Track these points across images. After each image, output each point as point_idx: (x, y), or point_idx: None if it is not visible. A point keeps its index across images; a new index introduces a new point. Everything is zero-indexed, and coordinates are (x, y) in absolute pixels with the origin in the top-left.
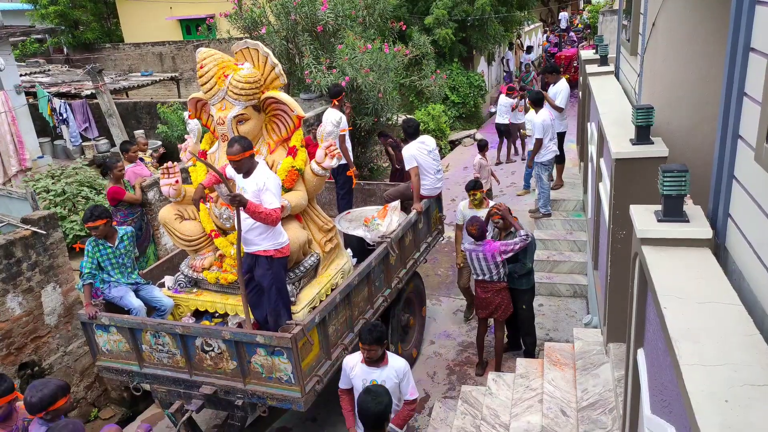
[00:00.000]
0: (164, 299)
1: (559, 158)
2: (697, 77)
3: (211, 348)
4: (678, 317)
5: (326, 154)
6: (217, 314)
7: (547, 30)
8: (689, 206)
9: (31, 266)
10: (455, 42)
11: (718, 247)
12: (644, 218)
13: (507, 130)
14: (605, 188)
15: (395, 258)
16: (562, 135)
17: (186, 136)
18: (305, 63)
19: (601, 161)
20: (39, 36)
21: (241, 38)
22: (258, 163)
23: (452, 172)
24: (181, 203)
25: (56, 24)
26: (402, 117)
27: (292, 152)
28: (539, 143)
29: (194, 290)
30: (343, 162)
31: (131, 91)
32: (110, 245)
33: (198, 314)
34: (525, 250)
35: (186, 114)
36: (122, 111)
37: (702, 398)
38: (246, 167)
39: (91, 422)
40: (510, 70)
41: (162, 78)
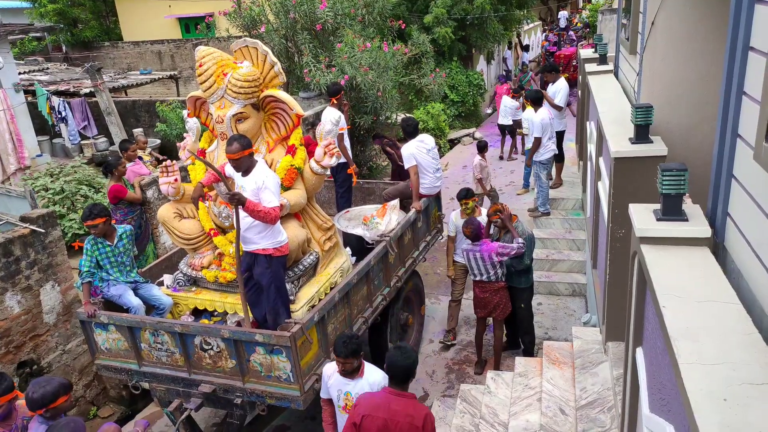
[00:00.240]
0: (163, 298)
1: (559, 157)
2: (697, 76)
3: (210, 346)
4: (677, 316)
5: (325, 153)
6: (216, 313)
7: (546, 29)
8: (688, 205)
9: (30, 265)
10: (454, 41)
11: (717, 246)
12: (643, 217)
13: (512, 130)
14: (604, 187)
15: (394, 257)
16: (562, 134)
17: (185, 135)
18: (304, 61)
19: (600, 160)
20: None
21: (240, 37)
22: (257, 162)
23: (451, 171)
24: (180, 202)
25: (55, 22)
26: (401, 116)
27: (291, 151)
28: (538, 142)
29: (193, 289)
30: (343, 160)
31: (130, 90)
32: (109, 244)
33: (197, 313)
34: None
35: (185, 112)
36: (121, 109)
37: (701, 397)
38: (245, 166)
39: (90, 420)
40: (509, 69)
41: (161, 76)
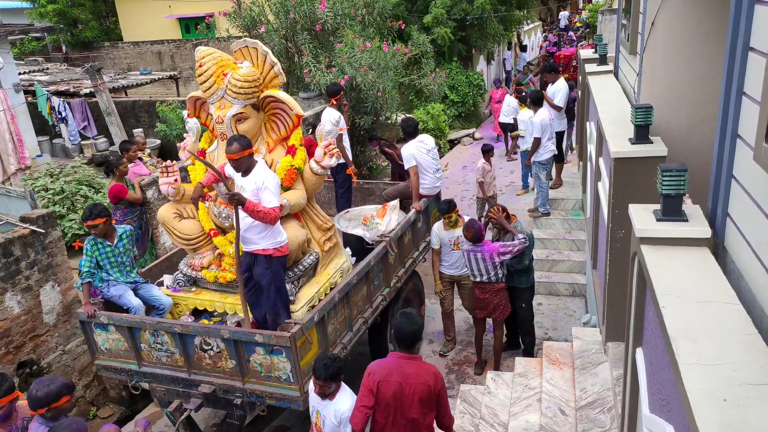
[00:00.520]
0: (163, 298)
1: (558, 157)
2: (697, 76)
3: (210, 347)
4: (677, 316)
5: (325, 153)
6: (216, 313)
7: (546, 29)
8: (688, 205)
9: (30, 265)
10: (454, 41)
11: (717, 247)
12: (643, 217)
13: (513, 129)
14: (604, 187)
15: (394, 257)
16: (561, 134)
17: (185, 135)
18: (304, 62)
19: (600, 160)
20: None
21: (240, 37)
22: (257, 162)
23: (451, 171)
24: (180, 202)
25: (55, 22)
26: (401, 116)
27: (291, 151)
28: (537, 142)
29: (193, 289)
30: (342, 161)
31: (130, 90)
32: (109, 244)
33: (197, 313)
34: None
35: (185, 113)
36: (121, 109)
37: (701, 397)
38: (245, 166)
39: (90, 421)
40: (509, 70)
41: (161, 77)
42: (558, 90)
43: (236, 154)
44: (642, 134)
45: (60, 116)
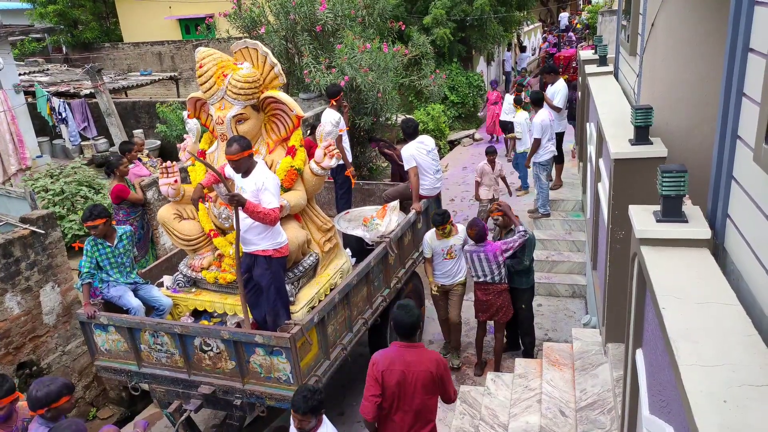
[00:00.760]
0: (163, 299)
1: (558, 158)
2: (697, 77)
3: (210, 348)
4: (677, 317)
5: (325, 154)
6: (216, 314)
7: (546, 30)
8: (688, 206)
9: (30, 266)
10: (454, 42)
11: (717, 248)
12: (643, 218)
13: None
14: (604, 188)
15: (394, 258)
16: (561, 135)
17: (185, 136)
18: (304, 62)
19: (600, 161)
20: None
21: (240, 38)
22: (257, 163)
23: (451, 172)
24: (180, 203)
25: (55, 23)
26: (401, 117)
27: (291, 152)
28: (537, 143)
29: (193, 290)
30: (342, 162)
31: (130, 91)
32: (109, 245)
33: (197, 314)
34: (523, 247)
35: (185, 113)
36: (121, 110)
37: (701, 398)
38: (245, 167)
39: (90, 422)
40: (508, 71)
41: (161, 77)
42: (557, 91)
43: (236, 155)
44: (642, 135)
45: (60, 117)
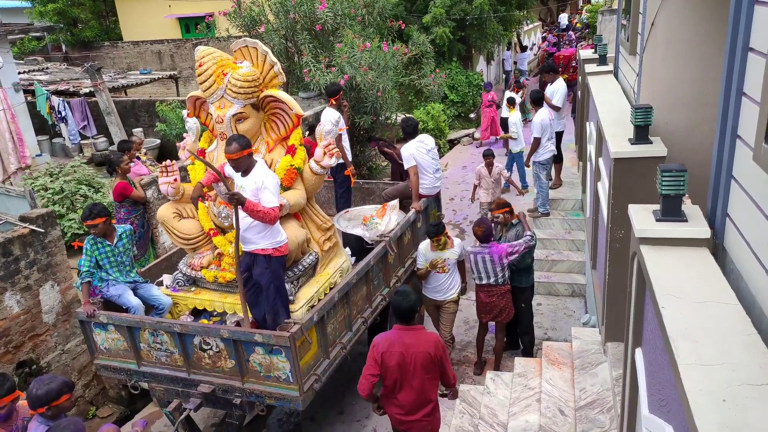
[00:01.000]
0: (162, 298)
1: (557, 158)
2: (696, 77)
3: (210, 346)
4: (676, 317)
5: (325, 153)
6: (216, 313)
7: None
8: (688, 206)
9: (30, 264)
10: (453, 41)
11: (717, 247)
12: (643, 218)
13: None
14: (604, 188)
15: (394, 257)
16: (560, 134)
17: (185, 135)
18: (304, 61)
19: (600, 161)
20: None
21: (240, 37)
22: (257, 162)
23: (451, 171)
24: (180, 202)
25: (55, 22)
26: (401, 116)
27: (291, 151)
28: (537, 142)
29: (192, 289)
30: (342, 161)
31: (130, 90)
32: (109, 243)
33: (196, 313)
34: None
35: (185, 112)
36: (121, 109)
37: (700, 398)
38: (244, 166)
39: (89, 420)
40: (508, 70)
41: (161, 76)
42: (556, 90)
43: (235, 154)
44: (642, 134)
45: (60, 116)
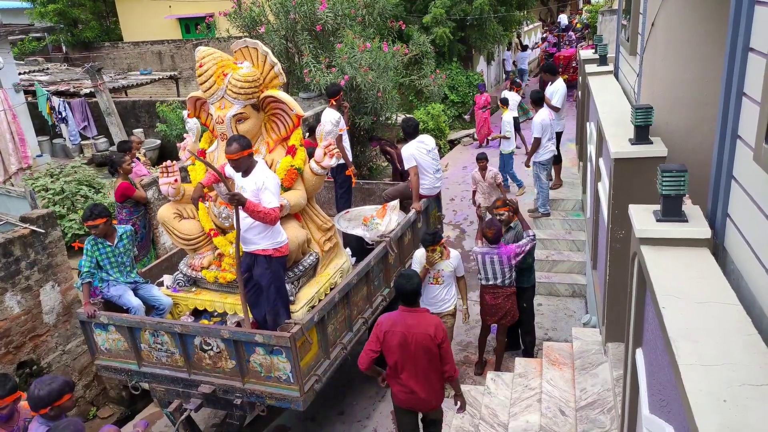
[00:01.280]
0: (163, 298)
1: (557, 158)
2: (697, 77)
3: (210, 347)
4: (677, 317)
5: (325, 153)
6: (216, 313)
7: (547, 30)
8: (688, 206)
9: (30, 265)
10: (453, 41)
11: (717, 247)
12: (643, 218)
13: (518, 124)
14: (604, 188)
15: (394, 257)
16: (560, 135)
17: (185, 135)
18: (304, 62)
19: (600, 161)
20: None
21: (241, 37)
22: (257, 162)
23: (451, 172)
24: (180, 202)
25: (55, 22)
26: (401, 116)
27: (291, 151)
28: (537, 142)
29: (193, 289)
30: (342, 161)
31: (130, 90)
32: (109, 244)
33: (197, 313)
34: None
35: (185, 113)
36: (121, 110)
37: (700, 398)
38: (245, 166)
39: (90, 421)
40: (508, 71)
41: (161, 77)
42: (556, 91)
43: (236, 155)
44: (642, 135)
45: (60, 116)
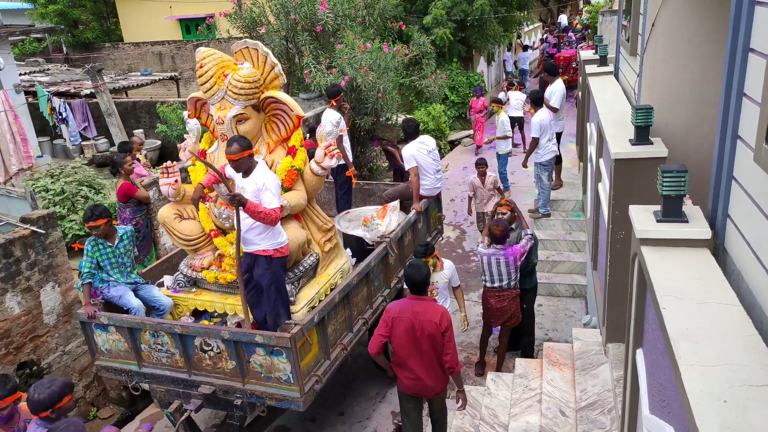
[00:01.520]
0: (163, 299)
1: (557, 158)
2: (697, 77)
3: (210, 347)
4: (677, 317)
5: (326, 154)
6: (216, 314)
7: (547, 30)
8: (688, 207)
9: (30, 266)
10: (454, 42)
11: (717, 248)
12: (643, 218)
13: (521, 123)
14: (605, 188)
15: (394, 258)
16: (559, 135)
17: (185, 136)
18: (305, 62)
19: (601, 161)
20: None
21: (241, 38)
22: (257, 163)
23: (452, 172)
24: (181, 203)
25: (56, 23)
26: (401, 117)
27: (292, 152)
28: (535, 142)
29: (193, 290)
30: (343, 162)
31: (131, 91)
32: (110, 245)
33: (197, 314)
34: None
35: (185, 113)
36: (122, 110)
37: (701, 398)
38: (245, 167)
39: (90, 422)
40: (509, 71)
41: (161, 77)
42: (555, 91)
43: (236, 155)
44: (642, 135)
45: (60, 117)
